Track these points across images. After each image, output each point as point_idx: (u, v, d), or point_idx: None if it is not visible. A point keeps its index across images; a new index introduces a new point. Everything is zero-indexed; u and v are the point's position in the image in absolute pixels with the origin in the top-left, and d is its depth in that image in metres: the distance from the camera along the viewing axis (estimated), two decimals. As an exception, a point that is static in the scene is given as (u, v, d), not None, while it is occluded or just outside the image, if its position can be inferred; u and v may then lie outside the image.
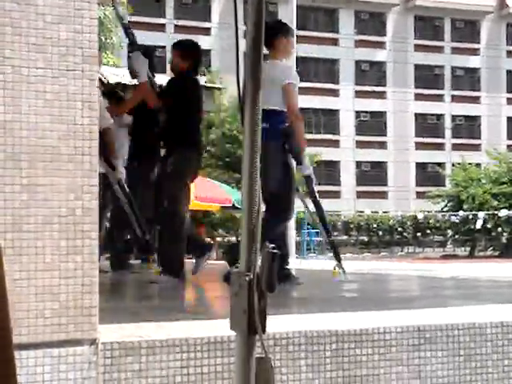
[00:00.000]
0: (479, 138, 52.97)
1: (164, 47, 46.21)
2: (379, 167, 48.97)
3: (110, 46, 25.60)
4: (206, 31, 47.05)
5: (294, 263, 10.36)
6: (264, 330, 1.58)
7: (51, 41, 2.24)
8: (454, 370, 2.74)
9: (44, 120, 2.23)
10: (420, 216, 37.41)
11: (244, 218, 1.58)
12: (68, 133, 2.25)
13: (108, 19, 25.49)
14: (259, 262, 1.58)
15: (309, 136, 47.22)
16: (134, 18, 44.53)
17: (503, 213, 30.66)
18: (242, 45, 1.64)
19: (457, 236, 37.85)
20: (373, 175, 50.42)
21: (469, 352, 2.78)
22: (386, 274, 6.62)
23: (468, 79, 53.02)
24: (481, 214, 31.60)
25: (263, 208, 4.65)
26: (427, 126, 48.14)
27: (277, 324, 2.61)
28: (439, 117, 49.79)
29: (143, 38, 47.78)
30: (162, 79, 12.55)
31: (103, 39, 23.74)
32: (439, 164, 44.98)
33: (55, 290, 2.22)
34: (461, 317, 2.96)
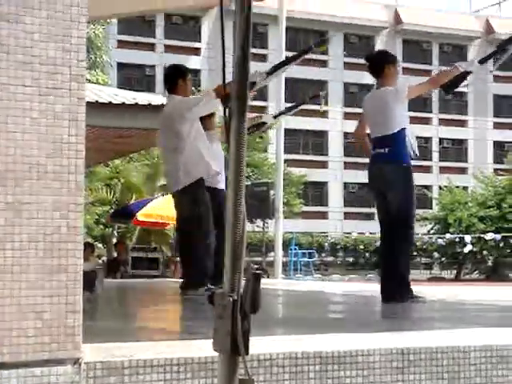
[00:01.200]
0: (466, 162, 53.26)
1: (153, 66, 46.31)
2: (366, 188, 49.07)
3: (100, 65, 25.65)
4: (196, 51, 47.23)
5: (280, 284, 10.34)
6: (247, 352, 1.58)
7: (39, 59, 2.24)
8: (438, 394, 2.74)
9: (31, 138, 2.23)
10: (407, 238, 37.40)
11: (228, 236, 1.58)
12: (55, 151, 2.25)
13: (98, 38, 25.55)
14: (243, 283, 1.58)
15: (296, 157, 47.47)
16: (125, 38, 44.74)
17: (490, 236, 30.75)
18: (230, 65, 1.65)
19: (443, 259, 37.92)
20: (360, 196, 50.56)
21: (452, 375, 2.78)
22: (371, 295, 6.61)
23: (456, 103, 53.40)
24: (468, 238, 31.67)
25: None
26: (415, 148, 48.36)
27: (261, 345, 2.61)
28: (427, 139, 50.06)
29: (134, 57, 47.73)
30: (151, 98, 12.60)
31: (93, 57, 23.81)
32: (426, 187, 45.15)
33: (38, 308, 2.21)
34: (445, 340, 2.97)
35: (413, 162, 5.82)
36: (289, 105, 9.83)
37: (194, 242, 6.34)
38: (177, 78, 6.68)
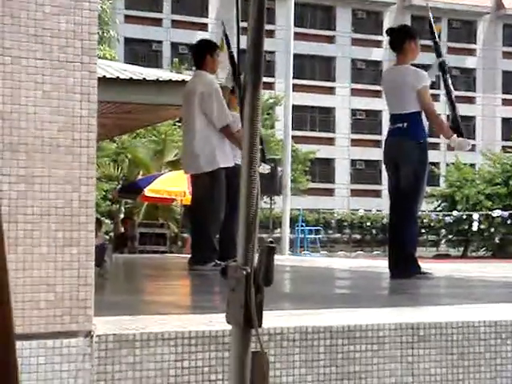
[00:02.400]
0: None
1: (160, 42, 46.15)
2: (374, 166, 49.03)
3: (108, 40, 25.56)
4: (203, 27, 47.00)
5: (287, 260, 10.37)
6: (260, 325, 1.59)
7: (51, 32, 2.24)
8: (447, 368, 2.75)
9: (43, 111, 2.22)
10: (413, 215, 37.41)
11: (242, 211, 1.58)
12: (66, 124, 2.25)
13: (105, 13, 25.45)
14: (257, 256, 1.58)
15: (304, 133, 47.37)
16: (132, 13, 44.55)
17: (497, 213, 30.72)
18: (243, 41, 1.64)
19: (450, 236, 37.92)
20: (367, 173, 50.49)
21: (462, 350, 2.79)
22: (379, 272, 6.63)
23: (464, 79, 53.09)
24: (475, 216, 31.63)
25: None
26: (423, 125, 48.19)
27: (272, 319, 2.62)
28: (434, 116, 49.84)
29: (141, 32, 47.53)
30: (158, 73, 12.55)
31: (100, 32, 23.72)
32: (434, 164, 45.07)
33: (51, 281, 2.22)
34: (455, 315, 2.97)
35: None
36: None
37: (206, 221, 6.42)
38: (205, 53, 6.63)
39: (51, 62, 2.23)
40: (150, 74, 11.71)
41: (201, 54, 6.64)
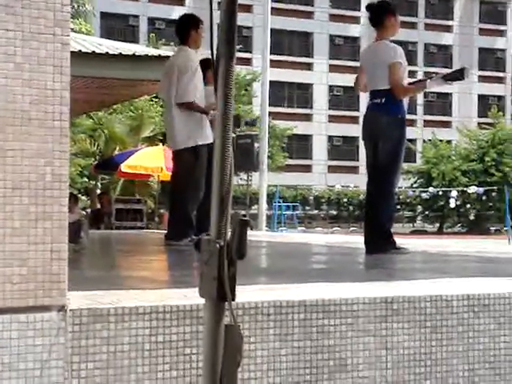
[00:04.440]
0: (450, 115, 53.31)
1: (137, 16, 45.73)
2: (351, 142, 49.16)
3: (83, 14, 25.28)
4: (181, 2, 46.64)
5: (264, 236, 10.40)
6: (233, 298, 1.59)
7: (21, 3, 2.20)
8: (421, 342, 2.78)
9: (14, 83, 2.19)
10: (390, 191, 37.63)
11: (215, 184, 1.58)
12: (39, 97, 2.22)
13: (81, -14, 25.14)
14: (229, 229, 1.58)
15: (281, 110, 47.31)
16: (108, -14, 44.04)
17: (472, 190, 30.98)
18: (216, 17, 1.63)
19: (426, 212, 38.19)
20: (345, 150, 50.62)
21: (435, 324, 2.81)
22: (355, 247, 6.67)
23: (441, 56, 53.21)
24: (453, 193, 31.86)
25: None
26: (399, 102, 48.27)
27: (246, 294, 2.62)
28: (411, 93, 49.96)
29: (118, 6, 47.12)
30: (134, 48, 12.45)
31: (76, 6, 23.44)
32: (410, 140, 45.26)
33: (24, 255, 2.20)
34: (428, 289, 3.00)
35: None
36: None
37: (184, 197, 6.42)
38: (189, 29, 6.59)
39: (22, 33, 2.20)
40: (126, 48, 11.61)
41: (185, 30, 6.61)
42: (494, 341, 2.90)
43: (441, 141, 38.23)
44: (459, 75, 5.84)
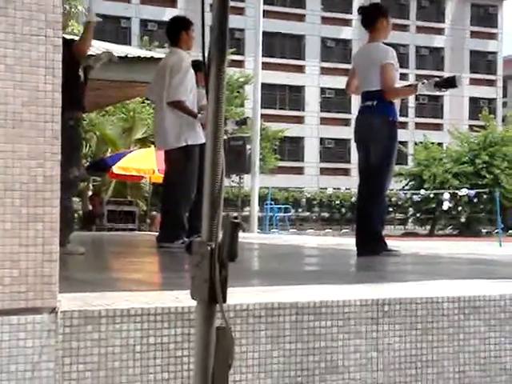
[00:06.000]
0: (441, 118, 53.43)
1: (129, 18, 45.69)
2: (343, 144, 49.22)
3: (75, 15, 25.23)
4: (173, 4, 46.63)
5: (256, 238, 10.40)
6: (225, 300, 1.59)
7: (14, 4, 2.20)
8: (411, 343, 2.79)
9: (6, 85, 2.19)
10: (381, 194, 37.68)
11: (206, 186, 1.58)
12: (30, 99, 2.22)
13: (73, -13, 25.08)
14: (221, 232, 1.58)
15: (273, 112, 47.32)
16: (99, -12, 43.97)
17: (463, 192, 31.07)
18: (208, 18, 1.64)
19: (418, 214, 38.26)
20: (336, 152, 50.67)
21: (426, 326, 2.82)
22: (347, 249, 6.67)
23: (432, 59, 53.33)
24: (446, 195, 31.93)
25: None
26: (391, 104, 48.33)
27: (238, 296, 2.63)
28: (403, 96, 50.04)
29: (110, 8, 46.98)
30: (127, 50, 12.44)
31: (68, 8, 23.40)
32: (402, 143, 45.30)
33: (15, 257, 2.20)
34: (419, 291, 3.01)
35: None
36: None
37: (176, 198, 6.42)
38: (179, 31, 6.61)
39: (14, 35, 2.20)
40: (119, 50, 11.60)
41: (175, 31, 6.62)
42: (485, 343, 2.91)
43: (432, 143, 38.32)
44: (452, 83, 5.85)
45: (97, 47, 11.43)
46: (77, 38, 6.15)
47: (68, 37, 6.01)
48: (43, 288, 2.23)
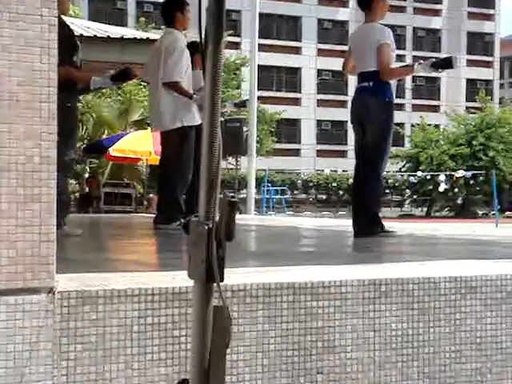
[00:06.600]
0: (438, 99, 53.36)
1: (125, -1, 45.42)
2: (340, 126, 49.16)
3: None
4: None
5: (252, 220, 10.41)
6: (222, 279, 1.59)
7: (9, -17, 2.18)
8: (408, 323, 2.80)
9: (1, 65, 2.18)
10: (378, 175, 37.71)
11: (203, 166, 1.58)
12: (26, 79, 2.21)
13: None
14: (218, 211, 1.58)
15: (270, 94, 47.18)
16: (95, -31, 43.71)
17: (460, 174, 31.09)
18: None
19: (414, 196, 38.30)
20: (333, 134, 50.61)
21: (423, 306, 2.83)
22: (344, 230, 6.68)
23: (429, 40, 53.19)
24: (442, 177, 31.95)
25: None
26: (388, 86, 48.22)
27: (235, 276, 2.63)
28: (400, 77, 49.97)
29: (104, -11, 46.12)
30: (122, 31, 12.38)
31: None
32: (399, 124, 45.30)
33: (12, 238, 2.20)
34: (416, 271, 3.01)
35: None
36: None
37: (173, 179, 6.43)
38: (174, 11, 6.58)
39: (9, 14, 2.18)
40: (115, 31, 11.55)
41: (170, 12, 6.59)
42: (481, 322, 2.92)
43: (429, 125, 38.30)
44: (448, 64, 5.84)
45: (94, 28, 11.40)
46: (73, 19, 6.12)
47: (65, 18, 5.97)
48: (40, 268, 2.23)
